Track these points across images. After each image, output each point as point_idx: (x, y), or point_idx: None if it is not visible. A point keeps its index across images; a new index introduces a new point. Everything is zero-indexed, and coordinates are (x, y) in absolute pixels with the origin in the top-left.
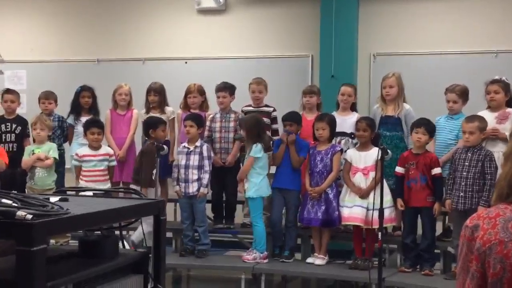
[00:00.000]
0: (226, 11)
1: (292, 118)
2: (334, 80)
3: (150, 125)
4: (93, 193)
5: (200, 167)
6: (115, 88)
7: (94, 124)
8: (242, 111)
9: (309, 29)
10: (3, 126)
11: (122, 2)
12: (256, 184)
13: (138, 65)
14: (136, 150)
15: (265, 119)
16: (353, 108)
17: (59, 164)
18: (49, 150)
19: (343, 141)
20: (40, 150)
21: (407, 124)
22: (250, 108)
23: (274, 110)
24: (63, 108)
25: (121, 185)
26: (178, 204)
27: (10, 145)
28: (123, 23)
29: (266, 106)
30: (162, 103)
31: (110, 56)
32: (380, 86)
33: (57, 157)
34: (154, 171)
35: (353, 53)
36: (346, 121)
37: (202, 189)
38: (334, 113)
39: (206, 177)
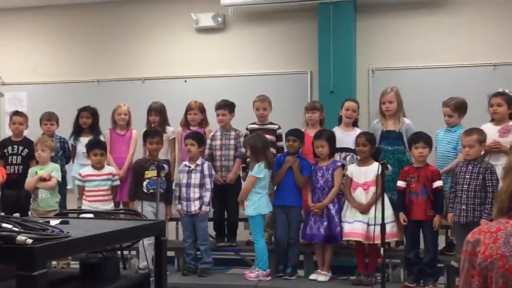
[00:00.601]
0: (224, 29)
1: (296, 134)
2: (333, 95)
3: (144, 138)
4: (94, 215)
5: (201, 185)
6: (114, 108)
7: (97, 145)
8: (247, 128)
9: (307, 45)
10: (10, 148)
11: (121, 23)
12: (255, 202)
13: (137, 85)
14: None
15: (270, 137)
16: (355, 123)
17: (61, 186)
18: (52, 171)
19: (348, 157)
20: (43, 171)
21: (408, 137)
22: (255, 125)
23: (279, 128)
24: (64, 129)
25: (121, 205)
26: (180, 222)
27: (16, 167)
28: (122, 43)
29: (271, 123)
30: (163, 122)
31: (110, 76)
32: (379, 101)
33: (59, 178)
34: (148, 187)
35: (352, 69)
36: (349, 137)
37: (203, 207)
38: (336, 129)
39: (207, 195)
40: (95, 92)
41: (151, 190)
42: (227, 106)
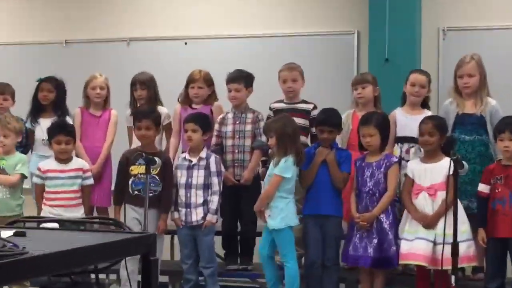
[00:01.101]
0: None
1: (331, 122)
2: (389, 65)
3: (134, 120)
4: (60, 225)
5: (206, 187)
6: (87, 80)
7: (61, 130)
8: (270, 108)
9: None
10: None
11: None
12: (281, 209)
13: (120, 48)
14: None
15: (302, 121)
16: (425, 104)
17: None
18: (17, 163)
19: (412, 150)
20: (4, 164)
21: (493, 125)
22: (282, 104)
23: (315, 108)
24: (21, 107)
25: (95, 212)
26: (176, 237)
27: None
28: None
29: (304, 102)
30: (152, 99)
31: (82, 36)
32: (454, 74)
33: (26, 173)
34: (133, 188)
35: (414, 28)
36: (416, 122)
37: (209, 217)
38: (398, 110)
39: (215, 201)
40: (62, 57)
41: (136, 192)
42: (242, 79)
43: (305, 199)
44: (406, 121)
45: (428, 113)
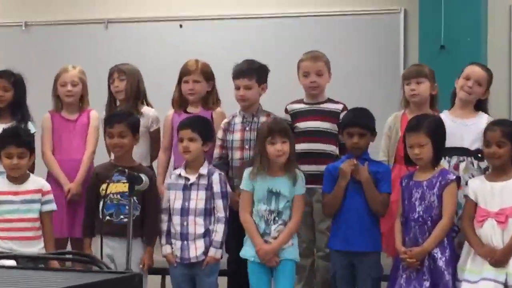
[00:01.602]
0: None
1: (362, 122)
2: (445, 53)
3: (105, 125)
4: (17, 262)
5: (208, 213)
6: (57, 73)
7: (13, 140)
8: (287, 110)
9: None
10: None
11: None
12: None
13: (97, 31)
14: None
15: (328, 125)
16: (481, 106)
17: None
18: None
19: (462, 164)
20: None
21: None
22: (302, 105)
23: (345, 109)
24: None
25: (69, 246)
26: (168, 277)
27: None
28: None
29: (330, 101)
30: (132, 94)
31: (46, 17)
32: None
33: None
34: (104, 213)
35: (479, 6)
36: (468, 128)
37: (212, 252)
38: (445, 114)
39: (219, 231)
40: (22, 43)
41: (107, 217)
42: (254, 72)
43: (331, 229)
44: (454, 128)
45: (484, 117)
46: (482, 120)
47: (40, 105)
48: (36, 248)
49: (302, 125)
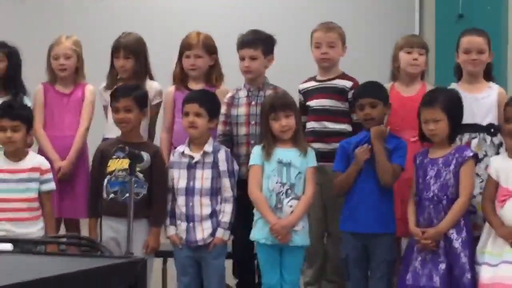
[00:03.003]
0: None
1: (373, 92)
2: (463, 22)
3: (111, 100)
4: (13, 245)
5: (214, 192)
6: (51, 45)
7: (6, 113)
8: (300, 91)
9: None
10: None
11: None
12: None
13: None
14: None
15: (337, 103)
16: (488, 74)
17: None
18: None
19: (474, 141)
20: None
21: None
22: (313, 83)
23: (355, 86)
24: None
25: (62, 228)
26: (174, 260)
27: None
28: None
29: (342, 76)
30: (140, 72)
31: None
32: None
33: None
34: (108, 190)
35: None
36: (479, 103)
37: (220, 233)
38: (455, 87)
39: (227, 211)
40: (17, 13)
41: (112, 195)
42: (259, 43)
43: (343, 211)
44: (465, 102)
45: (495, 88)
46: (493, 92)
47: (36, 78)
48: (35, 229)
49: (311, 103)
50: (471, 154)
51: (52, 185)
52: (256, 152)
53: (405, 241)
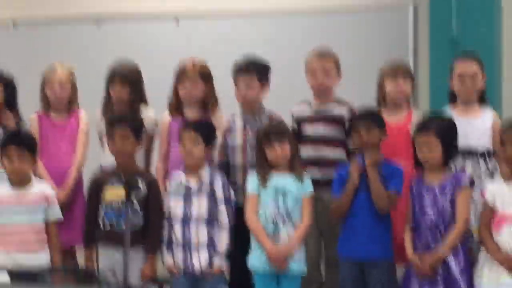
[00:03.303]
0: None
1: (369, 116)
2: (457, 46)
3: (107, 128)
4: (10, 277)
5: (211, 219)
6: (45, 74)
7: (13, 140)
8: (293, 116)
9: None
10: None
11: None
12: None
13: (88, 29)
14: None
15: (334, 130)
16: (482, 98)
17: None
18: None
19: (468, 165)
20: None
21: None
22: (307, 109)
23: (350, 111)
24: None
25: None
26: None
27: None
28: None
29: (337, 102)
30: (135, 100)
31: (36, 14)
32: None
33: None
34: (104, 220)
35: None
36: (473, 126)
37: (217, 261)
38: (449, 110)
39: (224, 239)
40: (11, 42)
41: (108, 224)
42: (255, 70)
43: (340, 237)
44: (459, 126)
45: (489, 112)
46: (487, 116)
47: (29, 106)
48: (41, 258)
49: (307, 130)
50: (468, 181)
51: (58, 214)
52: (252, 180)
53: (399, 268)
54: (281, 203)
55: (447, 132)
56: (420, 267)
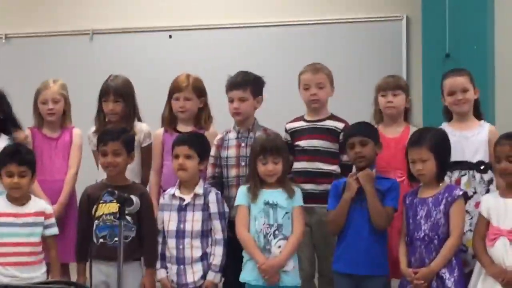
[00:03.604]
0: None
1: (363, 130)
2: (450, 62)
3: (99, 143)
4: None
5: (205, 235)
6: (38, 89)
7: (14, 158)
8: (286, 130)
9: None
10: None
11: None
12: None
13: (81, 42)
14: None
15: (328, 144)
16: (477, 113)
17: None
18: None
19: (464, 178)
20: None
21: None
22: (302, 123)
23: (346, 127)
24: None
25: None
26: None
27: None
28: None
29: (332, 117)
30: (129, 114)
31: (27, 29)
32: None
33: None
34: (97, 235)
35: (486, 11)
36: (468, 140)
37: (210, 276)
38: (445, 126)
39: (218, 253)
40: (2, 56)
41: (101, 240)
42: (248, 84)
43: (335, 251)
44: (455, 141)
45: (485, 126)
46: (484, 129)
47: (21, 121)
48: (39, 273)
49: (302, 143)
50: (461, 193)
51: (55, 230)
52: (242, 192)
53: (394, 283)
54: (271, 217)
55: (440, 146)
56: (415, 281)
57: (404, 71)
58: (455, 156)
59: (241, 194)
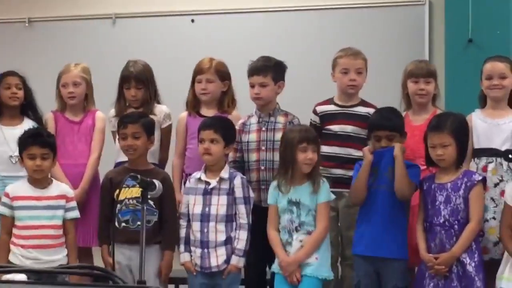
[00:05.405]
0: None
1: (390, 123)
2: (473, 47)
3: (119, 127)
4: (28, 277)
5: (230, 219)
6: (60, 72)
7: (36, 140)
8: (316, 112)
9: None
10: None
11: None
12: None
13: (103, 27)
14: None
15: (359, 130)
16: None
17: None
18: None
19: (491, 165)
20: None
21: None
22: (332, 106)
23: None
24: None
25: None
26: (187, 287)
27: None
28: None
29: (362, 103)
30: (148, 99)
31: (50, 13)
32: None
33: None
34: (120, 219)
35: None
36: (499, 128)
37: (234, 260)
38: (477, 113)
39: (242, 238)
40: (26, 40)
41: (123, 224)
42: (270, 69)
43: (355, 235)
44: (485, 128)
45: None
46: None
47: (45, 105)
48: (60, 255)
49: (334, 128)
50: (479, 178)
51: (76, 213)
52: (271, 190)
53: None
54: (294, 213)
55: (461, 131)
56: (436, 266)
57: (426, 56)
58: (483, 143)
59: (271, 193)
